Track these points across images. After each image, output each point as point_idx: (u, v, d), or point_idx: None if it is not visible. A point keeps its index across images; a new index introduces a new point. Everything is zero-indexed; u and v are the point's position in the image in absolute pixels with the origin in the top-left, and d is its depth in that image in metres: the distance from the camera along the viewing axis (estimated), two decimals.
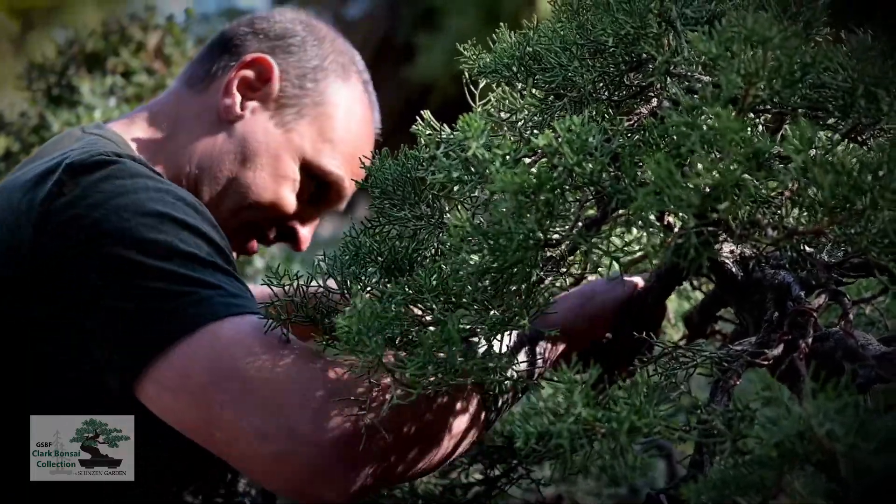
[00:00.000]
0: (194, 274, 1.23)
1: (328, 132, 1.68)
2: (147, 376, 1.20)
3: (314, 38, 1.73)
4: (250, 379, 1.15)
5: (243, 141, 1.63)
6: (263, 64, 1.66)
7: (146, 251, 1.24)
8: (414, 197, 1.16)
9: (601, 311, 1.42)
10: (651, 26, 1.05)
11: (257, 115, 1.65)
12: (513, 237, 0.96)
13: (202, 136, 1.63)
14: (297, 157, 1.66)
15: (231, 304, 1.22)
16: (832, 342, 1.06)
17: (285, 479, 1.14)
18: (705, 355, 1.03)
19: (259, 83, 1.66)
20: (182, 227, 1.27)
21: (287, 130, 1.65)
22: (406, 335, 1.07)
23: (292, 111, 1.66)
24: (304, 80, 1.68)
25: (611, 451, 0.88)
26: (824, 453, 0.76)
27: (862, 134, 1.04)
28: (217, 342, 1.18)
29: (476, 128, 1.00)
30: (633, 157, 0.98)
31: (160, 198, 1.31)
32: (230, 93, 1.64)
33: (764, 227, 0.97)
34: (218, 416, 1.16)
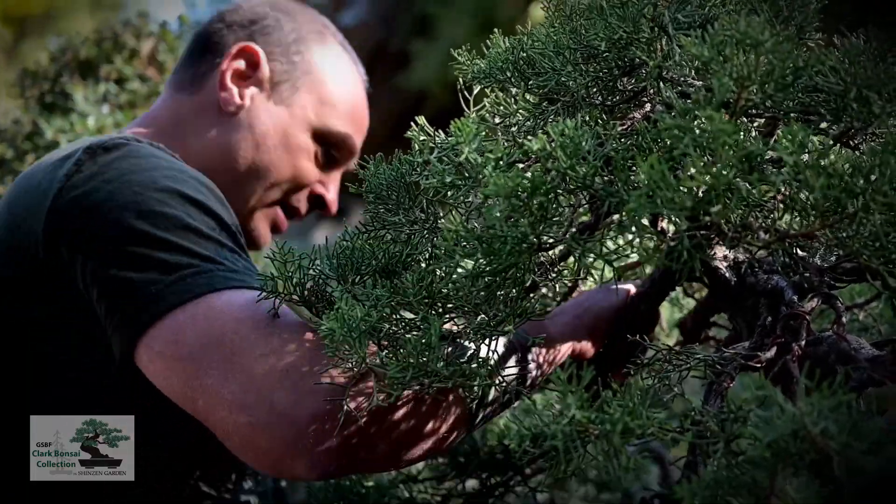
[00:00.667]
0: (197, 248, 1.27)
1: (325, 95, 1.74)
2: (142, 343, 1.23)
3: (284, 14, 1.78)
4: (237, 350, 1.17)
5: (250, 128, 1.68)
6: (249, 51, 1.71)
7: (154, 223, 1.28)
8: (408, 202, 1.16)
9: (597, 321, 1.43)
10: (644, 31, 1.06)
11: (256, 101, 1.70)
12: (506, 241, 0.96)
13: (209, 135, 1.67)
14: (305, 128, 1.72)
15: (230, 278, 1.25)
16: (825, 346, 1.06)
17: (260, 450, 1.15)
18: (699, 358, 1.03)
19: (250, 70, 1.70)
20: (191, 203, 1.32)
21: (288, 106, 1.71)
22: (391, 337, 1.07)
23: (287, 86, 1.72)
24: (289, 55, 1.73)
25: (604, 452, 0.88)
26: (818, 452, 0.77)
27: (853, 138, 1.04)
28: (210, 311, 1.21)
29: (468, 132, 1.00)
30: (627, 160, 0.98)
31: (173, 175, 1.36)
32: (226, 86, 1.69)
33: (756, 230, 0.97)
34: (201, 383, 1.17)
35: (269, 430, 1.13)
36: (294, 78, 1.73)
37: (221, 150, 1.67)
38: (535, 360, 1.31)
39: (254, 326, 1.18)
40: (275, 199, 1.74)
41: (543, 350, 1.33)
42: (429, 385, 1.05)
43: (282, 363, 1.14)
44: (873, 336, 1.46)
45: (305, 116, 1.72)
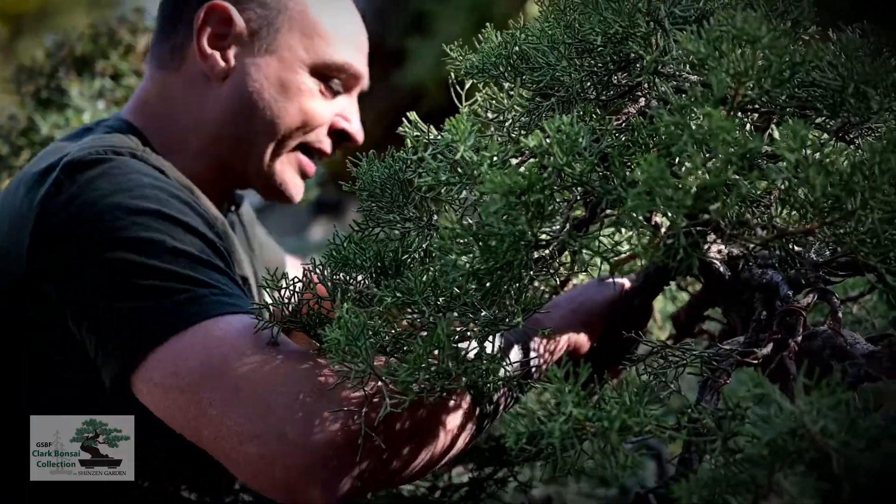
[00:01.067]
0: (188, 272, 1.24)
1: (309, 27, 1.63)
2: (139, 373, 1.21)
3: None
4: (239, 378, 1.15)
5: (243, 87, 1.59)
6: (217, 9, 1.60)
7: (140, 250, 1.25)
8: (402, 199, 1.16)
9: (592, 315, 1.43)
10: (639, 25, 1.05)
11: (241, 58, 1.60)
12: (503, 239, 0.96)
13: (204, 107, 1.61)
14: (299, 68, 1.62)
15: (224, 302, 1.22)
16: (820, 341, 1.06)
17: (273, 480, 1.13)
18: (695, 354, 1.03)
19: (224, 29, 1.60)
20: (176, 225, 1.28)
21: (273, 52, 1.61)
22: (396, 341, 1.06)
23: (266, 32, 1.61)
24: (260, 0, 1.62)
25: (601, 450, 0.88)
26: (817, 450, 0.76)
27: (850, 133, 1.04)
28: (208, 340, 1.18)
29: (463, 130, 1.00)
30: (623, 157, 0.98)
31: (154, 195, 1.32)
32: (205, 54, 1.60)
33: (753, 227, 0.97)
34: (205, 413, 1.15)
35: (281, 460, 1.11)
36: (270, 20, 1.61)
37: (221, 119, 1.60)
38: (536, 351, 1.31)
39: (256, 354, 1.16)
40: (293, 146, 1.65)
41: (543, 344, 1.33)
42: (441, 387, 1.04)
43: (290, 391, 1.12)
44: (866, 329, 1.45)
45: (296, 57, 1.62)
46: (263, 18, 1.61)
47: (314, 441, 1.10)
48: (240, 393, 1.14)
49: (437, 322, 1.01)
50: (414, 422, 1.15)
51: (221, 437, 1.15)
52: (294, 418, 1.11)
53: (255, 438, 1.12)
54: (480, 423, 1.24)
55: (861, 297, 1.50)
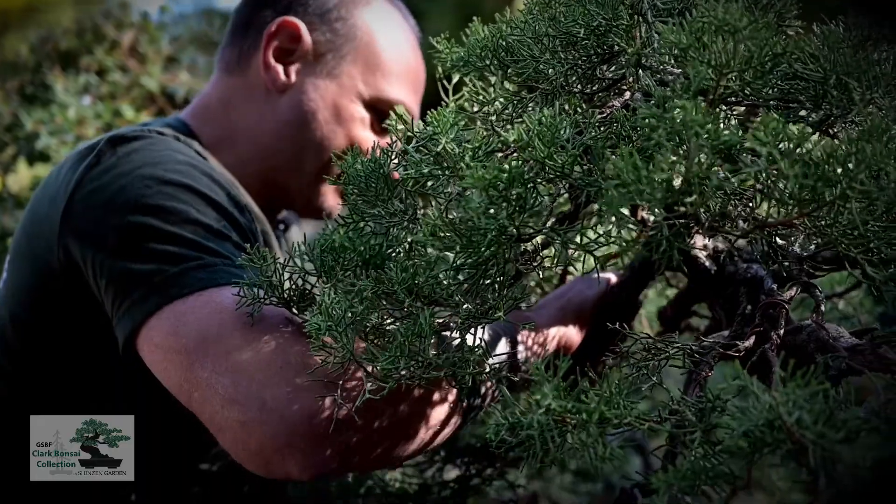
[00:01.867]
0: (205, 242, 1.27)
1: (373, 61, 1.68)
2: (144, 332, 1.24)
3: None
4: (233, 346, 1.16)
5: (299, 105, 1.64)
6: (288, 26, 1.66)
7: (161, 217, 1.28)
8: (387, 193, 1.15)
9: (581, 311, 1.43)
10: (622, 18, 1.05)
11: (302, 76, 1.66)
12: (485, 233, 0.95)
13: (260, 116, 1.65)
14: (355, 98, 1.66)
15: (234, 273, 1.24)
16: (804, 335, 1.06)
17: (251, 448, 1.13)
18: (677, 347, 1.03)
19: (292, 45, 1.66)
20: (200, 198, 1.32)
21: (335, 77, 1.66)
22: (378, 329, 1.06)
23: (332, 56, 1.66)
24: (330, 23, 1.68)
25: (581, 442, 0.88)
26: (794, 442, 0.76)
27: (833, 126, 1.04)
28: (210, 306, 1.20)
29: (446, 122, 0.99)
30: (605, 149, 0.97)
31: (186, 170, 1.36)
32: (269, 66, 1.65)
33: (734, 219, 0.96)
34: (197, 375, 1.17)
35: (260, 428, 1.11)
36: (338, 46, 1.67)
37: (274, 129, 1.65)
38: (524, 345, 1.31)
39: (252, 324, 1.17)
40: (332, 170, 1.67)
41: (531, 338, 1.33)
42: (420, 375, 1.04)
43: (276, 361, 1.13)
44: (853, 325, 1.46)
45: (354, 86, 1.67)
46: (331, 43, 1.67)
47: (293, 411, 1.11)
48: (230, 359, 1.15)
49: (417, 313, 1.00)
50: (395, 407, 1.16)
51: (208, 400, 1.16)
52: (275, 387, 1.12)
53: (237, 404, 1.13)
54: (465, 414, 1.24)
55: (847, 293, 1.51)
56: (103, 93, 2.89)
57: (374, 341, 1.05)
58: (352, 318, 1.02)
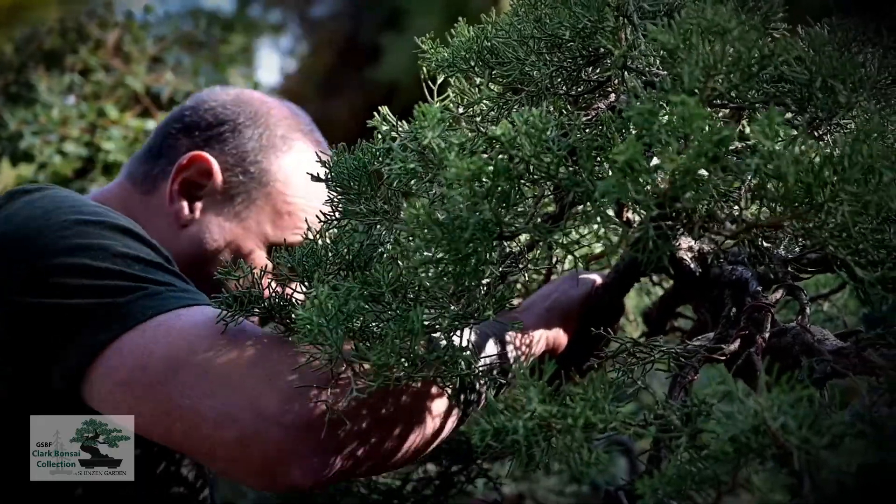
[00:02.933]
0: (142, 273, 1.22)
1: (283, 207, 1.63)
2: (96, 372, 1.18)
3: (246, 117, 1.67)
4: (209, 364, 1.13)
5: (200, 242, 1.59)
6: (201, 161, 1.61)
7: (88, 255, 1.22)
8: (370, 191, 1.15)
9: (568, 312, 1.43)
10: (608, 20, 1.05)
11: (208, 214, 1.61)
12: (468, 227, 0.95)
13: (160, 238, 1.52)
14: (259, 242, 1.62)
15: (182, 297, 1.21)
16: (789, 337, 1.06)
17: (251, 463, 1.11)
18: (662, 351, 1.03)
19: (202, 180, 1.61)
20: (122, 232, 1.27)
21: (241, 220, 1.61)
22: (367, 328, 1.05)
23: (241, 199, 1.62)
24: (245, 165, 1.63)
25: (567, 447, 0.87)
26: (779, 447, 0.76)
27: (819, 128, 1.04)
28: (171, 332, 1.16)
29: (432, 118, 0.99)
30: (591, 150, 0.97)
31: (99, 210, 1.31)
32: (174, 200, 1.60)
33: (722, 220, 0.96)
34: (177, 405, 1.13)
35: (260, 440, 1.10)
36: (249, 190, 1.62)
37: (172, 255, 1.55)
38: (513, 344, 1.31)
39: (223, 340, 1.15)
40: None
41: (518, 340, 1.33)
42: (411, 374, 1.03)
43: (263, 371, 1.11)
44: (838, 327, 1.46)
45: (260, 231, 1.62)
46: (243, 186, 1.62)
47: (292, 418, 1.09)
48: (212, 378, 1.13)
49: (410, 311, 1.00)
50: (393, 406, 1.15)
51: (195, 427, 1.13)
52: (270, 396, 1.10)
53: (232, 421, 1.10)
54: (464, 413, 1.24)
55: (832, 295, 1.51)
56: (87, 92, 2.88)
57: (361, 342, 1.05)
58: (343, 315, 1.02)
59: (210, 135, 1.64)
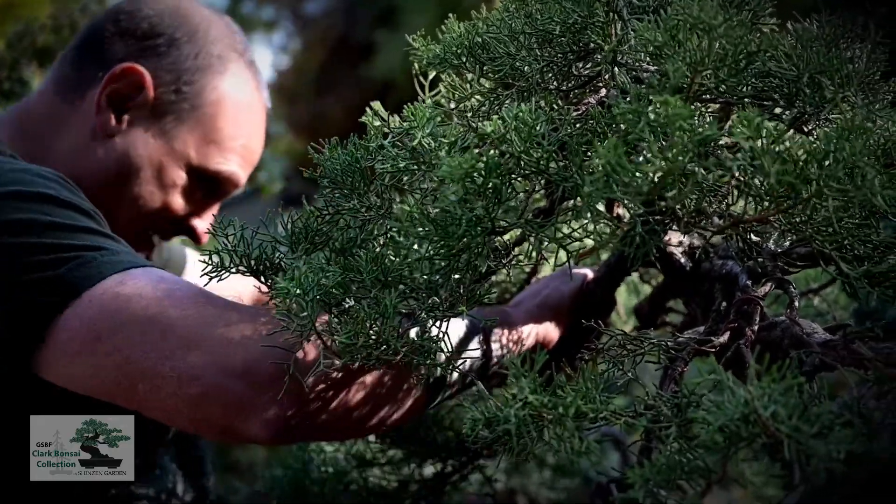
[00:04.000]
0: (73, 241, 1.21)
1: (212, 133, 1.60)
2: (49, 346, 1.18)
3: (184, 32, 1.61)
4: (168, 324, 1.14)
5: (124, 156, 1.55)
6: (134, 73, 1.55)
7: (16, 232, 1.21)
8: (363, 187, 1.15)
9: (558, 307, 1.44)
10: (598, 15, 1.05)
11: (135, 128, 1.56)
12: (460, 223, 0.96)
13: (80, 151, 1.56)
14: (182, 164, 1.58)
15: (120, 261, 1.20)
16: (779, 330, 1.07)
17: (212, 416, 1.13)
18: (653, 343, 1.04)
19: (132, 93, 1.55)
20: (46, 202, 1.25)
21: (168, 139, 1.57)
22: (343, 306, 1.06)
23: (171, 118, 1.57)
24: (178, 84, 1.58)
25: (558, 437, 0.88)
26: (769, 436, 0.77)
27: (806, 123, 1.04)
28: (119, 296, 1.16)
29: (422, 117, 1.00)
30: (581, 145, 0.98)
31: (19, 178, 1.28)
32: (101, 109, 1.55)
33: (710, 215, 0.97)
34: (138, 367, 1.14)
35: (222, 393, 1.11)
36: (180, 110, 1.57)
37: (90, 170, 1.54)
38: (498, 341, 1.31)
39: (178, 301, 1.15)
40: (141, 225, 1.62)
41: (506, 334, 1.33)
42: (378, 357, 1.04)
43: (226, 330, 1.13)
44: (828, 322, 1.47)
45: (185, 152, 1.58)
46: (174, 105, 1.57)
47: (254, 372, 1.10)
48: (171, 337, 1.13)
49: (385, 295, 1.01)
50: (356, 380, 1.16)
51: (158, 387, 1.13)
52: (232, 352, 1.11)
53: (195, 378, 1.12)
54: (427, 398, 1.25)
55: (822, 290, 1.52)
56: None
57: (337, 315, 1.05)
58: (320, 290, 1.02)
59: (145, 45, 1.58)
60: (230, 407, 1.12)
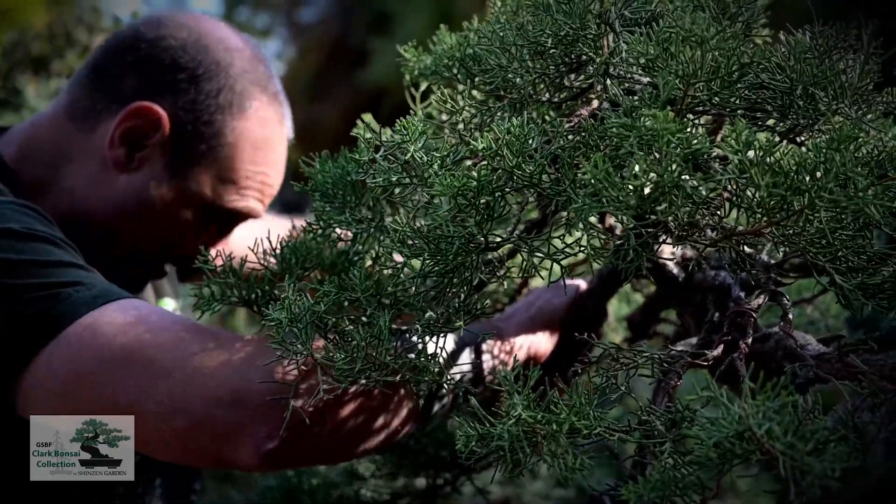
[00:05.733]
0: (46, 279, 1.19)
1: (228, 173, 1.52)
2: (27, 387, 1.18)
3: (205, 68, 1.52)
4: (149, 359, 1.13)
5: (136, 193, 1.50)
6: (151, 114, 1.48)
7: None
8: (354, 200, 1.15)
9: (551, 320, 1.43)
10: (590, 27, 1.05)
11: (148, 166, 1.50)
12: (453, 241, 0.95)
13: (92, 181, 1.51)
14: (195, 203, 1.52)
15: (97, 295, 1.19)
16: (772, 342, 1.06)
17: (202, 447, 1.13)
18: (646, 356, 1.03)
19: (148, 132, 1.49)
20: (19, 238, 1.23)
21: (183, 178, 1.51)
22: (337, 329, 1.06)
23: (186, 160, 1.51)
24: (196, 124, 1.50)
25: (551, 453, 0.88)
26: (763, 453, 0.76)
27: (800, 135, 1.04)
28: (98, 333, 1.15)
29: (414, 131, 0.99)
30: (573, 158, 0.97)
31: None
32: (115, 145, 1.48)
33: (703, 228, 0.97)
34: (119, 404, 1.14)
35: (210, 424, 1.11)
36: (196, 150, 1.50)
37: (101, 202, 1.50)
38: (490, 353, 1.30)
39: (157, 334, 1.15)
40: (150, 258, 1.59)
41: (498, 347, 1.33)
42: (377, 379, 1.04)
43: (208, 359, 1.12)
44: (821, 330, 1.46)
45: (200, 192, 1.51)
46: (190, 144, 1.51)
47: (242, 400, 1.10)
48: (153, 372, 1.13)
49: (379, 316, 1.01)
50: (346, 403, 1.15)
51: (141, 423, 1.14)
52: (218, 381, 1.11)
53: (181, 411, 1.11)
54: (419, 416, 1.24)
55: (815, 299, 1.51)
56: None
57: (332, 340, 1.05)
58: (313, 316, 1.02)
59: (166, 80, 1.51)
60: (219, 437, 1.11)
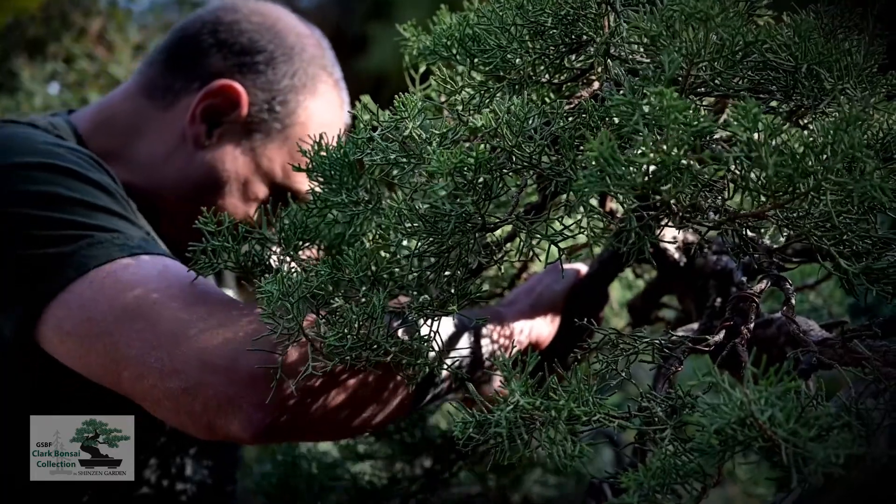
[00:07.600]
0: (88, 220, 1.23)
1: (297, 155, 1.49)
2: (47, 322, 1.21)
3: (282, 51, 1.60)
4: (157, 316, 1.15)
5: (211, 169, 1.55)
6: (231, 92, 1.55)
7: (33, 204, 1.24)
8: (352, 182, 1.13)
9: (552, 305, 1.42)
10: (590, 7, 1.03)
11: (225, 142, 1.56)
12: (450, 220, 0.94)
13: (166, 156, 1.55)
14: (266, 180, 1.59)
15: (129, 245, 1.22)
16: (774, 328, 1.05)
17: (193, 412, 1.13)
18: (646, 342, 1.01)
19: (227, 110, 1.55)
20: (69, 176, 1.28)
21: (256, 155, 1.57)
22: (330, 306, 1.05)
23: (260, 135, 1.58)
24: (272, 103, 1.58)
25: (550, 439, 0.86)
26: (766, 440, 0.75)
27: (804, 116, 1.02)
28: (118, 282, 1.18)
29: (412, 107, 0.98)
30: (574, 139, 0.96)
31: (47, 150, 1.31)
32: (195, 121, 1.54)
33: (706, 210, 0.95)
34: (125, 355, 1.15)
35: (203, 390, 1.11)
36: (271, 128, 1.58)
37: (175, 178, 1.55)
38: (489, 338, 1.29)
39: (173, 293, 1.16)
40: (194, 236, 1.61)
41: (498, 332, 1.32)
42: (368, 358, 1.03)
43: (214, 327, 1.13)
44: (823, 317, 1.45)
45: (271, 169, 1.58)
46: (265, 123, 1.58)
47: (237, 371, 1.10)
48: (159, 329, 1.14)
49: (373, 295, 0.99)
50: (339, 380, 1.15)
51: (142, 376, 1.15)
52: (216, 348, 1.12)
53: (177, 373, 1.12)
54: (414, 399, 1.24)
55: (818, 285, 1.50)
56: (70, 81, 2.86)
57: (325, 316, 1.04)
58: (306, 291, 1.01)
59: (244, 61, 1.58)
60: (210, 404, 1.12)
